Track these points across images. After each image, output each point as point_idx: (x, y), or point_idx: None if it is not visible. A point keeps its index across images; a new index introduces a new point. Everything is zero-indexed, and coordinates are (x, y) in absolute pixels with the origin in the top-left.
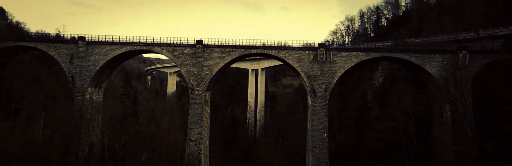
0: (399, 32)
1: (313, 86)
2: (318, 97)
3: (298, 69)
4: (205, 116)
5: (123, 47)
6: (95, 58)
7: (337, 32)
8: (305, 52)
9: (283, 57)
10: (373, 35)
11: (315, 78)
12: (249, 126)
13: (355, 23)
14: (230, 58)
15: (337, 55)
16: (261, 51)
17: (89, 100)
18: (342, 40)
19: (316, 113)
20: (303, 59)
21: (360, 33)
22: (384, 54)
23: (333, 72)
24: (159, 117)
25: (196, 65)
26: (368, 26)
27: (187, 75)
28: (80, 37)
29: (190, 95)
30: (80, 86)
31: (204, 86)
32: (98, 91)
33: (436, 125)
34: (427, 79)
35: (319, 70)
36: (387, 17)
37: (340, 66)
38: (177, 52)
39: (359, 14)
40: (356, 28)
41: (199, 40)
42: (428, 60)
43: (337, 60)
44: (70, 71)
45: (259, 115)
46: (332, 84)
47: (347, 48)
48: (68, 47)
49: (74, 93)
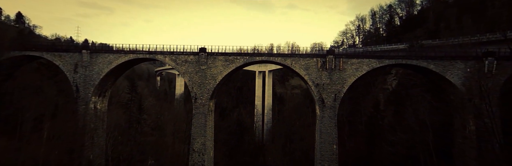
0: (414, 34)
1: (321, 95)
2: (327, 107)
3: (306, 78)
4: (209, 126)
5: (126, 55)
6: (99, 67)
7: (347, 33)
8: (312, 60)
9: (290, 65)
10: (386, 35)
11: (324, 87)
12: (256, 130)
13: (366, 22)
14: (234, 66)
15: (347, 63)
16: (267, 58)
17: (93, 109)
18: (352, 41)
19: (324, 123)
20: (310, 67)
21: (371, 33)
22: (398, 62)
23: (342, 81)
24: (164, 125)
25: (200, 74)
26: (380, 26)
27: (190, 84)
28: (84, 46)
29: (194, 104)
30: (84, 95)
31: (207, 95)
32: (102, 100)
33: (458, 138)
34: (448, 88)
35: (328, 78)
36: (401, 16)
37: (351, 74)
38: (180, 60)
39: (371, 14)
40: (367, 28)
41: (202, 48)
42: (448, 68)
43: (347, 68)
44: (74, 81)
45: (266, 118)
46: (342, 93)
47: (358, 55)
48: (72, 56)
49: (78, 102)
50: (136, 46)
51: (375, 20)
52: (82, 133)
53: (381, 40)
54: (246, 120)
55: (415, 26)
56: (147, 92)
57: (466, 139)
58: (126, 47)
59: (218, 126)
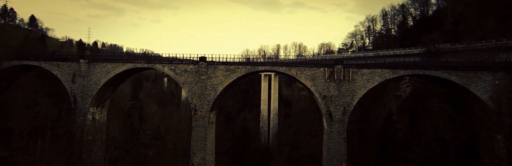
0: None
1: (329, 108)
2: (335, 121)
3: (312, 89)
4: (209, 139)
5: (124, 65)
6: (96, 77)
7: (356, 34)
8: (319, 70)
9: (295, 75)
10: (398, 37)
11: (332, 99)
12: (261, 136)
13: (376, 23)
14: (235, 77)
15: (357, 73)
16: (270, 68)
17: (91, 120)
18: (362, 42)
19: (332, 139)
20: (317, 77)
21: (382, 34)
22: (415, 72)
23: (352, 93)
24: (165, 135)
25: (199, 84)
26: (392, 27)
27: (189, 95)
28: (82, 55)
29: (193, 116)
30: (82, 105)
31: (207, 107)
32: (101, 110)
33: (485, 157)
34: (472, 101)
35: (336, 90)
36: (414, 16)
37: (361, 85)
38: (180, 70)
39: (381, 14)
40: (377, 29)
41: (202, 57)
42: (473, 80)
43: (357, 79)
44: (72, 91)
45: (272, 123)
46: (352, 106)
47: (370, 65)
48: (70, 65)
49: (76, 113)
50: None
51: (387, 20)
52: (80, 145)
53: (393, 42)
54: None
55: (430, 28)
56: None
57: (495, 158)
58: (134, 48)
59: (222, 131)
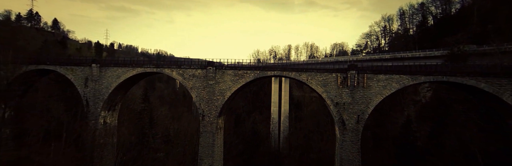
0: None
1: (341, 115)
2: (348, 130)
3: (323, 95)
4: (217, 145)
5: (134, 69)
6: (108, 81)
7: (371, 34)
8: (332, 75)
9: (305, 81)
10: (417, 37)
11: (344, 106)
12: (272, 139)
13: (393, 23)
14: (243, 82)
15: (373, 79)
16: (279, 73)
17: (103, 124)
18: (377, 43)
19: (345, 149)
20: (329, 83)
21: (399, 35)
22: (438, 79)
23: (367, 100)
24: (174, 140)
25: (207, 89)
26: (411, 27)
27: (197, 100)
28: (94, 60)
29: (201, 122)
30: (93, 109)
31: (215, 112)
32: (112, 114)
33: None
34: (504, 111)
35: (350, 97)
36: (435, 15)
37: (377, 92)
38: (188, 75)
39: (399, 13)
40: (394, 29)
41: (210, 61)
42: (506, 87)
43: (372, 85)
44: (85, 95)
45: (282, 126)
46: (367, 114)
47: (387, 70)
48: (83, 70)
49: (88, 117)
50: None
51: (404, 20)
52: (92, 149)
53: (412, 44)
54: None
55: (454, 28)
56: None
57: None
58: (148, 49)
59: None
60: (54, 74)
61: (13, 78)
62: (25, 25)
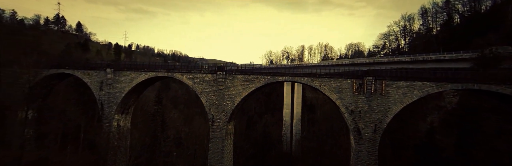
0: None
1: (357, 124)
2: (364, 139)
3: (337, 103)
4: (227, 151)
5: (146, 73)
6: (121, 85)
7: (390, 35)
8: (346, 81)
9: (318, 87)
10: (442, 38)
11: (360, 115)
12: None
13: (414, 22)
14: (254, 87)
15: (392, 86)
16: (291, 79)
17: (116, 126)
18: (396, 44)
19: (361, 159)
20: (344, 89)
21: (421, 35)
22: (468, 86)
23: (385, 108)
24: (185, 143)
25: (217, 94)
26: (434, 26)
27: (207, 105)
28: (108, 64)
29: (210, 128)
30: (108, 113)
31: (225, 118)
32: (125, 117)
33: None
34: None
35: (366, 104)
36: (462, 13)
37: (397, 100)
38: (198, 80)
39: (421, 12)
40: (415, 28)
41: (220, 66)
42: None
43: (391, 93)
44: (100, 98)
45: (295, 129)
46: (385, 124)
47: (408, 77)
48: (99, 74)
49: (103, 120)
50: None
51: (426, 19)
52: (106, 151)
53: (435, 44)
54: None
55: (484, 28)
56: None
57: None
58: (164, 49)
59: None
60: (73, 78)
61: (36, 81)
62: (52, 28)
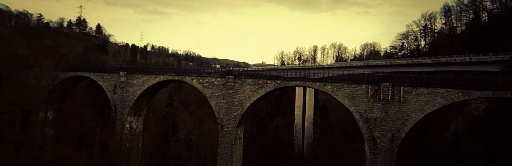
0: None
1: (372, 132)
2: (380, 149)
3: (351, 109)
4: (236, 156)
5: (157, 77)
6: (133, 88)
7: (408, 35)
8: (361, 87)
9: (330, 93)
10: (467, 38)
11: (376, 123)
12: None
13: (435, 21)
14: (263, 92)
15: (411, 93)
16: (302, 84)
17: (129, 128)
18: (415, 44)
19: None
20: (357, 96)
21: (443, 34)
22: (499, 95)
23: (404, 117)
24: (195, 145)
25: (226, 99)
26: (458, 25)
27: (216, 110)
28: (121, 67)
29: (220, 132)
30: (121, 115)
31: (234, 123)
32: (137, 119)
33: None
34: None
35: (382, 112)
36: (490, 10)
37: (417, 108)
38: (207, 83)
39: (443, 10)
40: (437, 27)
41: (229, 70)
42: None
43: (411, 100)
44: (113, 101)
45: (307, 132)
46: (403, 133)
47: (429, 83)
48: (112, 76)
49: (116, 122)
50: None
51: (450, 18)
52: (119, 153)
53: (460, 45)
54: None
55: None
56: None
57: None
58: (178, 50)
59: (254, 138)
60: (90, 81)
61: (55, 84)
62: (74, 30)
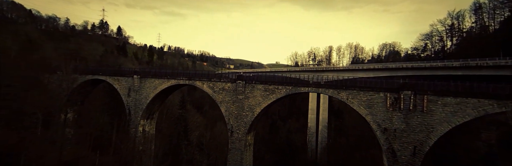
0: None
1: (391, 144)
2: (400, 163)
3: (368, 118)
4: (246, 163)
5: (169, 81)
6: (146, 92)
7: (433, 35)
8: (378, 95)
9: (345, 100)
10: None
11: (396, 134)
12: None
13: (464, 20)
14: (274, 98)
15: (437, 102)
16: (315, 90)
17: (142, 131)
18: (440, 45)
19: None
20: (375, 104)
21: (473, 34)
22: None
23: (428, 128)
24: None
25: (236, 104)
26: (491, 24)
27: (226, 115)
28: (135, 71)
29: (229, 138)
30: (134, 118)
31: (244, 129)
32: (150, 122)
33: None
34: None
35: (403, 123)
36: None
37: (443, 119)
38: (218, 88)
39: (473, 8)
40: (466, 27)
41: (240, 75)
42: None
43: (436, 110)
44: (127, 104)
45: (320, 137)
46: (427, 146)
47: (457, 93)
48: (127, 80)
49: (130, 125)
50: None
51: (481, 16)
52: (132, 155)
53: (493, 46)
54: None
55: None
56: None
57: None
58: (193, 50)
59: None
60: (107, 83)
61: (75, 87)
62: (97, 32)
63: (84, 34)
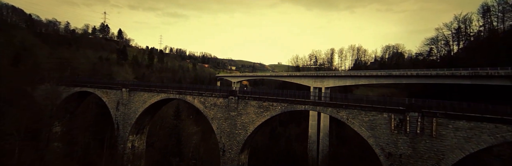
0: None
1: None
2: None
3: (370, 141)
4: None
5: (158, 95)
6: (135, 106)
7: (439, 39)
8: (382, 116)
9: (345, 120)
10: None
11: (401, 160)
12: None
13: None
14: (269, 115)
15: (447, 126)
16: (312, 108)
17: (131, 147)
18: (446, 49)
19: None
20: (378, 126)
21: (481, 38)
22: None
23: (438, 155)
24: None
25: (229, 121)
26: (501, 28)
27: (218, 133)
28: (124, 84)
29: (221, 158)
30: (122, 133)
31: (237, 148)
32: (140, 137)
33: None
34: None
35: (409, 147)
36: None
37: (455, 146)
38: (209, 104)
39: (481, 10)
40: (474, 30)
41: (232, 90)
42: None
43: (446, 135)
44: (116, 118)
45: (321, 145)
46: None
47: (471, 117)
48: (115, 93)
49: (118, 141)
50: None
51: (489, 19)
52: None
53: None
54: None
55: None
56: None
57: None
58: (195, 52)
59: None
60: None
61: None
62: (98, 36)
63: (84, 38)
